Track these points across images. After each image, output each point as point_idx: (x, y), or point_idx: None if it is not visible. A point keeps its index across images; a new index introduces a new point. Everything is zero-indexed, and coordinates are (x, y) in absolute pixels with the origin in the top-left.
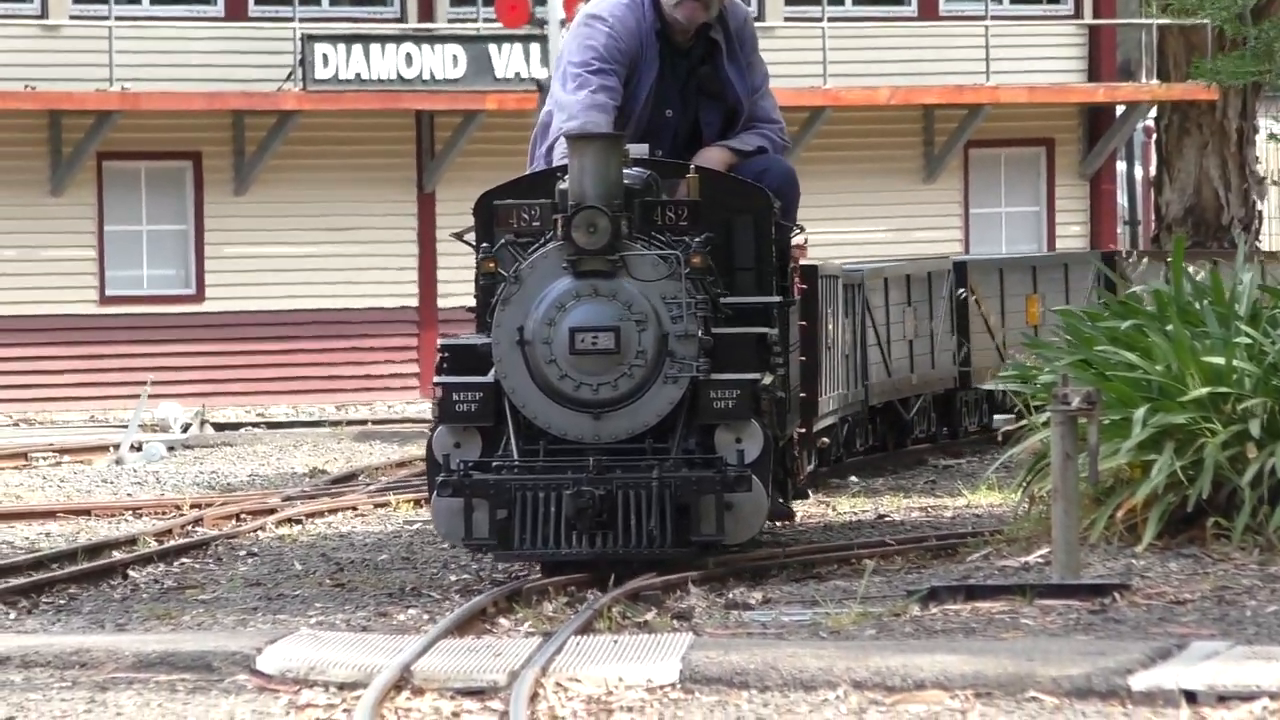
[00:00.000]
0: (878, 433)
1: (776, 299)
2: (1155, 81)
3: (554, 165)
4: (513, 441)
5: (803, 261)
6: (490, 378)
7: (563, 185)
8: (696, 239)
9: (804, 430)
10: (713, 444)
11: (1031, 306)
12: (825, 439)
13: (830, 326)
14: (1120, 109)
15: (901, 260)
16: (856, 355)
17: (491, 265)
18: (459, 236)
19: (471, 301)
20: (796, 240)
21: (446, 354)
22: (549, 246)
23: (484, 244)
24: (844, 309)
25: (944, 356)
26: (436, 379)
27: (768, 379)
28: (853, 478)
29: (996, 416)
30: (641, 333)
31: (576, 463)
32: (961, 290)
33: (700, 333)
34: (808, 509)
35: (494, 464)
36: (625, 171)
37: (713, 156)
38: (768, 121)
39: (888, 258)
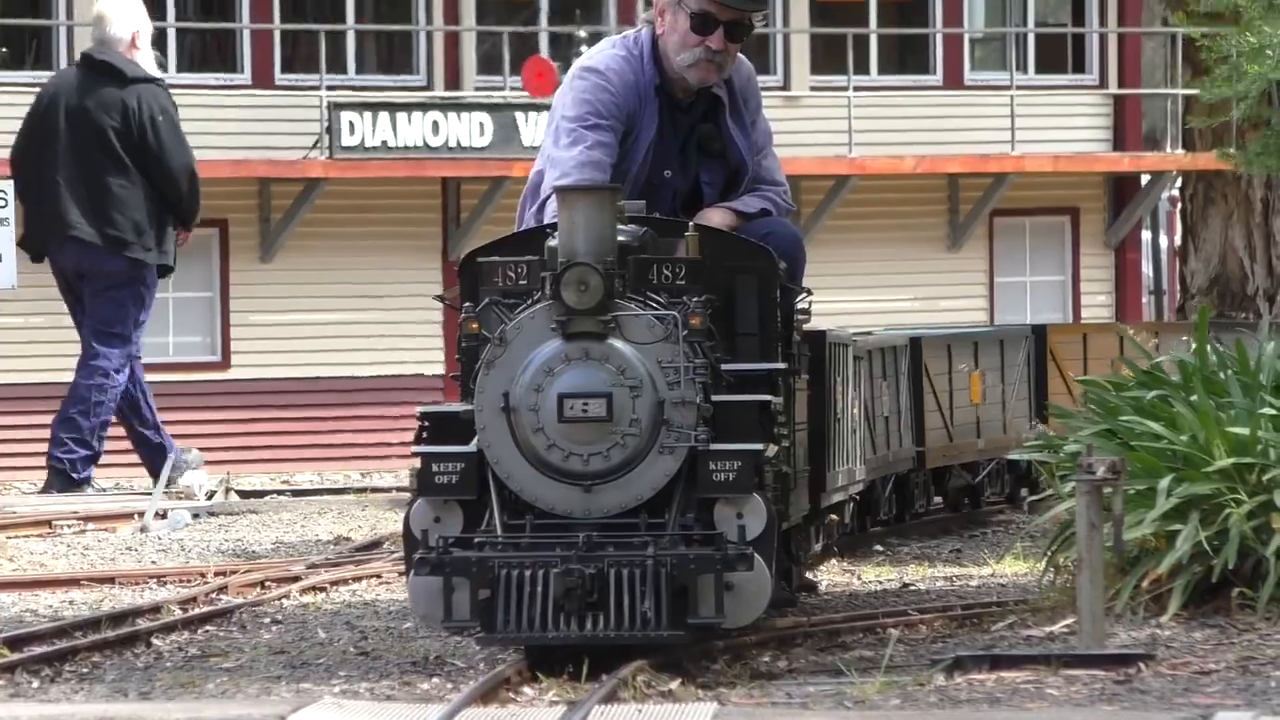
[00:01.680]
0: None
1: (781, 365)
2: (1180, 151)
3: (545, 224)
4: (496, 516)
5: (809, 327)
6: (473, 447)
7: (552, 242)
8: (695, 299)
9: (810, 507)
10: (712, 519)
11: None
12: (834, 516)
13: (841, 397)
14: (1145, 178)
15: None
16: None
17: (474, 326)
18: (441, 299)
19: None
20: (801, 306)
21: (426, 422)
22: (537, 307)
23: (466, 304)
24: (879, 377)
25: (1017, 420)
26: (415, 449)
27: (771, 450)
28: (877, 545)
29: (1023, 492)
30: (635, 399)
31: (565, 539)
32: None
33: (699, 400)
34: (833, 577)
35: (476, 540)
36: (620, 228)
37: (714, 218)
38: (771, 183)
39: (916, 325)
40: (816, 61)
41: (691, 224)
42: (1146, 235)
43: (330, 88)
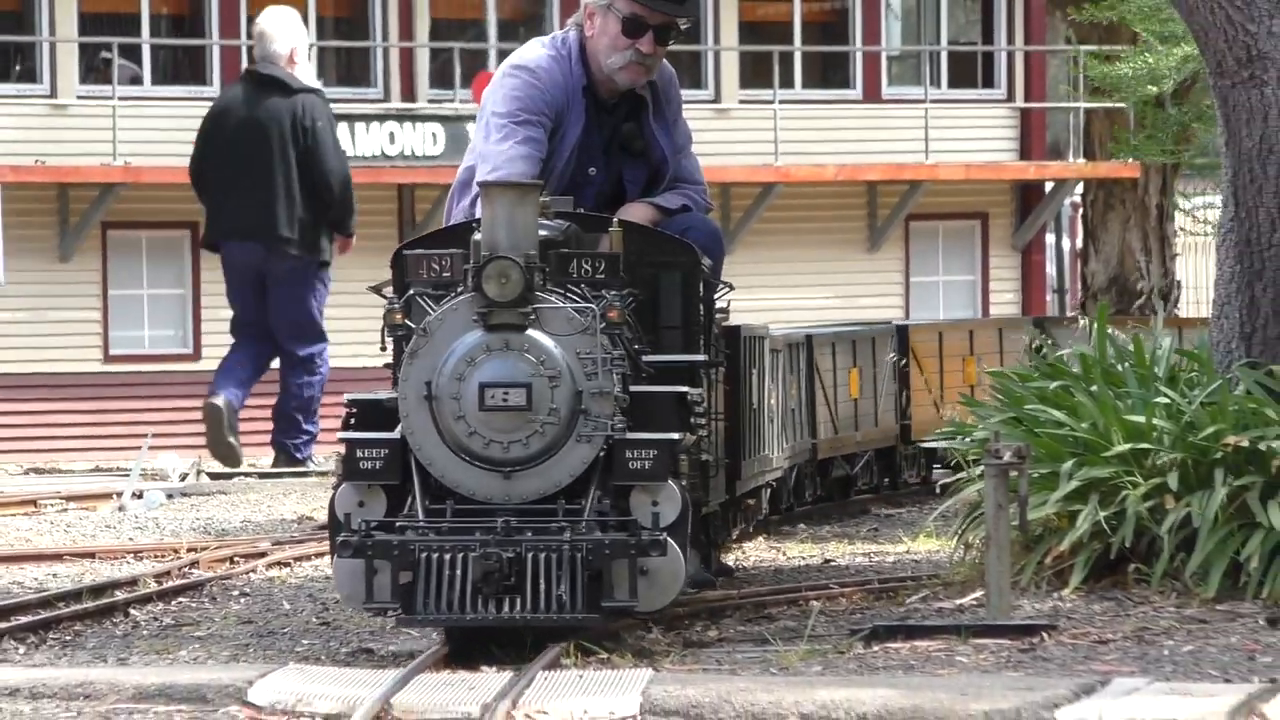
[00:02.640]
0: (826, 485)
1: (701, 357)
2: (1081, 160)
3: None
4: (418, 501)
5: (726, 324)
6: (397, 434)
7: (478, 236)
8: (614, 293)
9: (728, 496)
10: (628, 506)
11: (969, 367)
12: (751, 501)
13: (757, 389)
14: (1049, 185)
15: (851, 325)
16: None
17: (399, 317)
18: (375, 290)
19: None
20: (722, 302)
21: (353, 409)
22: (459, 299)
23: (391, 295)
24: (786, 370)
25: (886, 415)
26: (340, 434)
27: (689, 440)
28: (801, 525)
29: (936, 470)
30: (554, 389)
31: (485, 524)
32: (897, 356)
33: (617, 390)
34: (760, 554)
35: (398, 524)
36: (544, 223)
37: (637, 212)
38: (691, 182)
39: (835, 322)
40: (745, 76)
41: (616, 220)
42: (1050, 238)
43: None
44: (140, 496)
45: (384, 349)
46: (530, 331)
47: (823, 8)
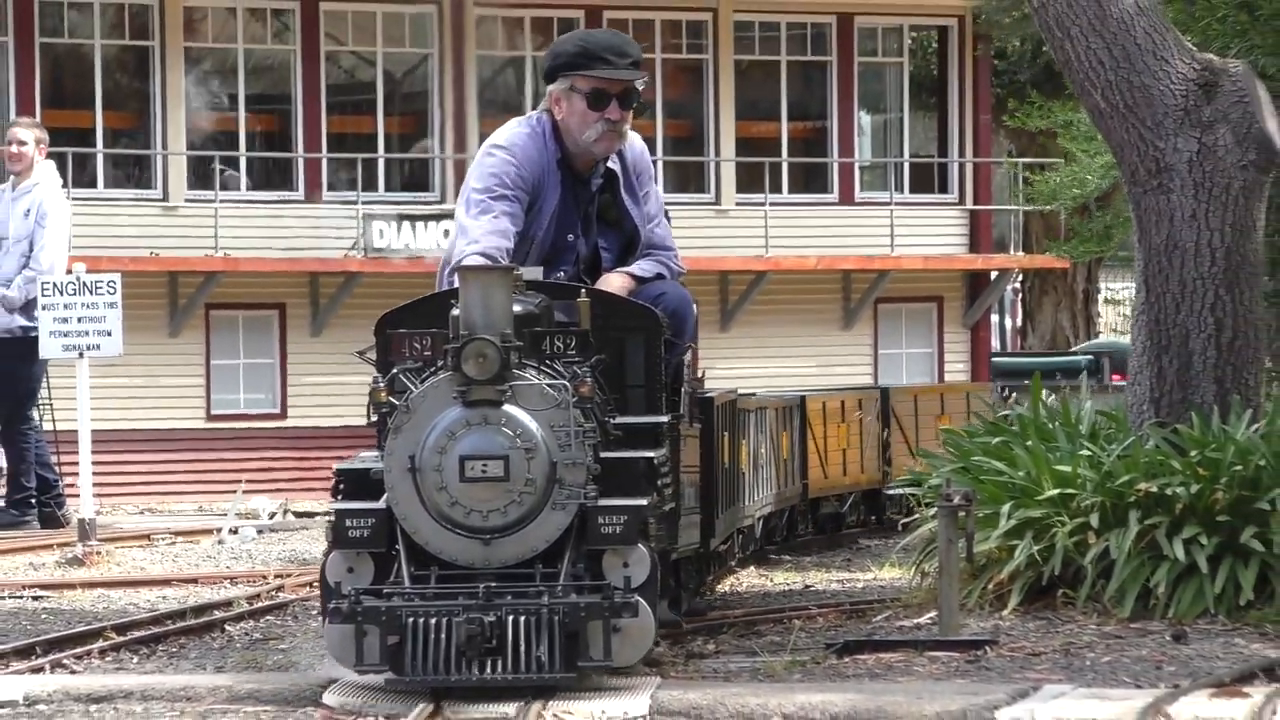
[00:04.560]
0: (818, 521)
1: (665, 418)
2: (1021, 253)
3: (446, 289)
4: (404, 567)
5: (699, 394)
6: (383, 504)
7: (456, 312)
8: (586, 367)
9: (702, 549)
10: (601, 569)
11: (939, 424)
12: (724, 548)
13: (729, 450)
14: (994, 274)
15: (841, 388)
16: (795, 461)
17: (383, 395)
18: (361, 355)
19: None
20: (689, 360)
21: (341, 479)
22: (440, 376)
23: (378, 374)
24: (779, 426)
25: (870, 461)
26: (330, 504)
27: (654, 500)
28: (786, 556)
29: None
30: (530, 461)
31: (467, 589)
32: (881, 413)
33: (589, 460)
34: (751, 580)
35: (385, 590)
36: (518, 298)
37: (615, 283)
38: (663, 248)
39: (823, 386)
40: (740, 183)
41: (583, 290)
42: (995, 318)
43: (365, 202)
44: (236, 532)
45: (370, 421)
46: (507, 407)
47: (805, 126)
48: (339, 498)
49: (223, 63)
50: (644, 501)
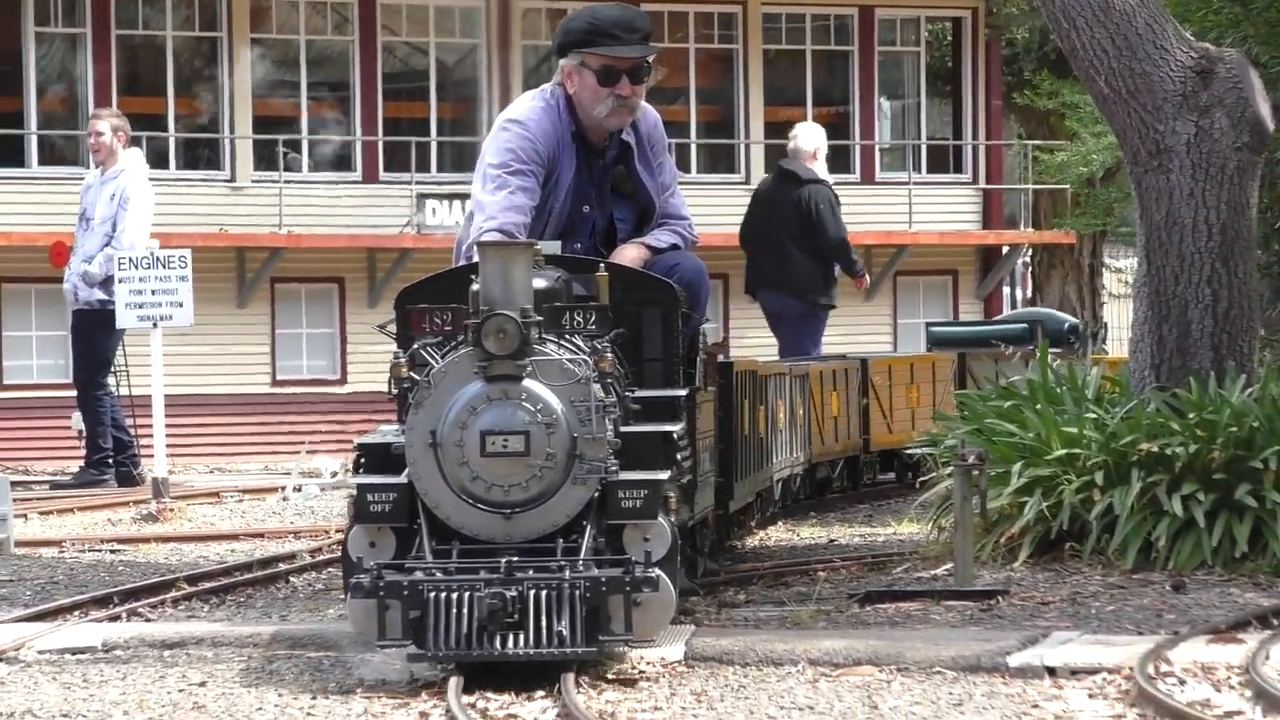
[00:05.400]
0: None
1: (682, 392)
2: (1031, 229)
3: (463, 264)
4: (426, 541)
5: (721, 359)
6: (404, 478)
7: (476, 286)
8: (605, 341)
9: (720, 512)
10: (621, 543)
11: (911, 392)
12: (743, 516)
13: (748, 417)
14: (1005, 249)
15: (828, 357)
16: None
17: (404, 370)
18: (382, 329)
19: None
20: (713, 335)
21: (362, 455)
22: (461, 351)
23: (397, 350)
24: (797, 395)
25: (854, 429)
26: (353, 479)
27: (673, 473)
28: (811, 513)
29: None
30: (551, 435)
31: (489, 564)
32: (860, 383)
33: (609, 434)
34: (779, 535)
35: (407, 565)
36: (538, 272)
37: (629, 254)
38: (678, 218)
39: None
40: (769, 163)
41: (602, 264)
42: (1007, 290)
43: (418, 182)
44: (299, 490)
45: (391, 394)
46: (527, 382)
47: (829, 111)
48: (361, 472)
49: (286, 52)
50: (664, 476)
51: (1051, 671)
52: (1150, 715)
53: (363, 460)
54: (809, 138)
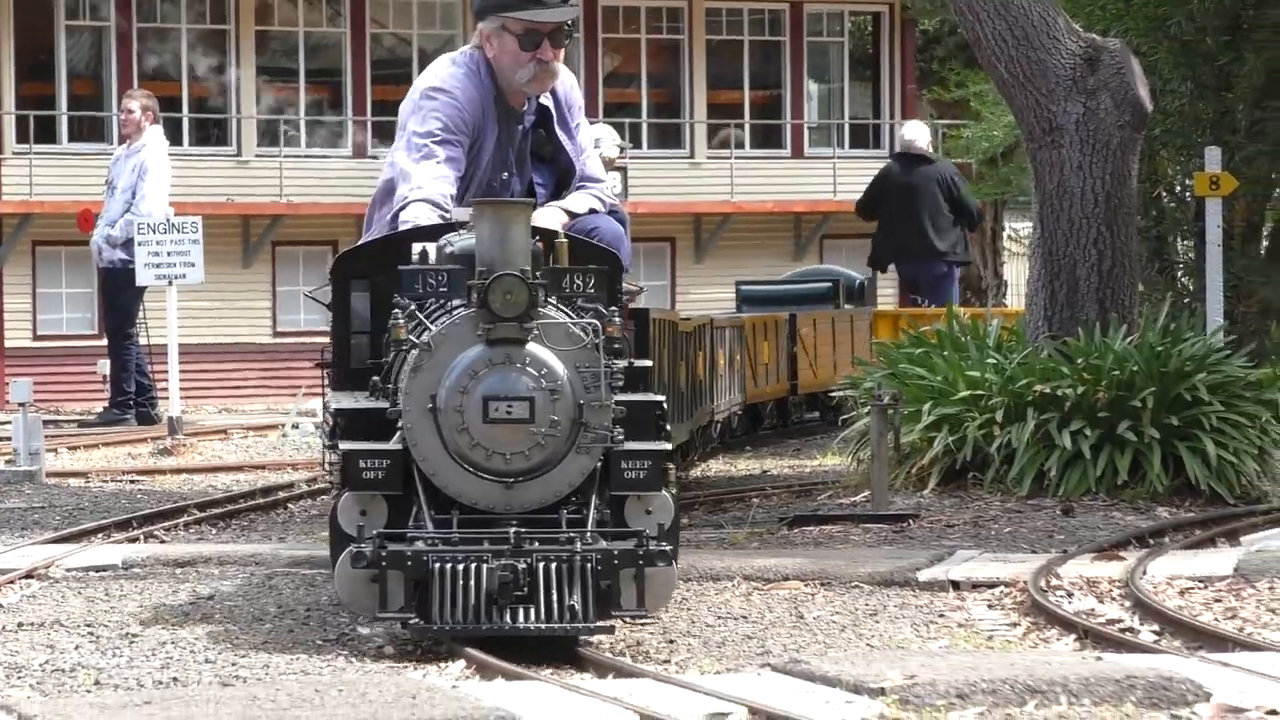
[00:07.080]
0: (751, 421)
1: (649, 363)
2: None
3: (400, 229)
4: (425, 510)
5: (635, 307)
6: (397, 444)
7: (418, 247)
8: (610, 308)
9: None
10: (622, 513)
11: (832, 340)
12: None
13: (669, 365)
14: None
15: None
16: (737, 373)
17: (402, 331)
18: (312, 295)
19: None
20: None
21: (342, 420)
22: (461, 313)
23: (396, 309)
24: (735, 343)
25: (783, 374)
26: (342, 445)
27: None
28: (747, 448)
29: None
30: (555, 402)
31: (493, 534)
32: (790, 335)
33: (614, 402)
34: (719, 467)
35: (408, 534)
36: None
37: (549, 216)
38: (595, 181)
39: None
40: (710, 140)
41: (561, 233)
42: None
43: None
44: (297, 427)
45: (318, 363)
46: (531, 346)
47: (764, 94)
48: (339, 437)
49: (286, 42)
50: (668, 446)
51: (956, 585)
52: (1042, 623)
53: (342, 425)
54: (919, 131)
